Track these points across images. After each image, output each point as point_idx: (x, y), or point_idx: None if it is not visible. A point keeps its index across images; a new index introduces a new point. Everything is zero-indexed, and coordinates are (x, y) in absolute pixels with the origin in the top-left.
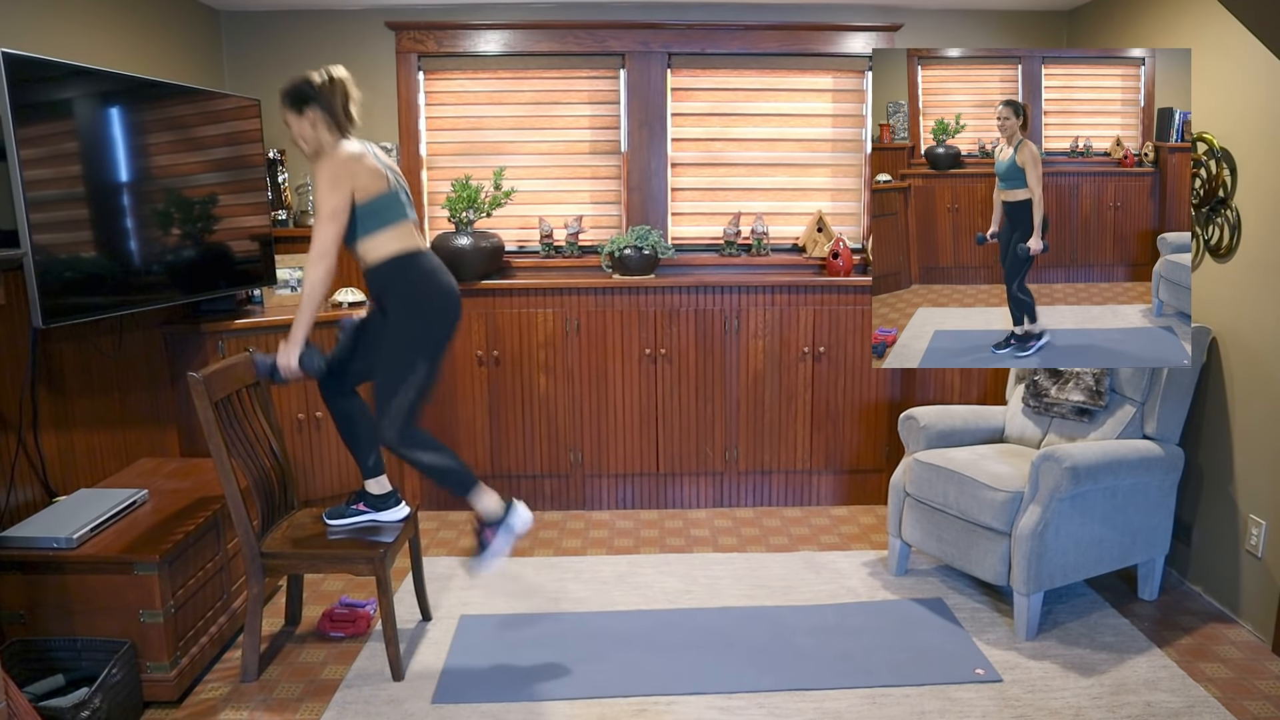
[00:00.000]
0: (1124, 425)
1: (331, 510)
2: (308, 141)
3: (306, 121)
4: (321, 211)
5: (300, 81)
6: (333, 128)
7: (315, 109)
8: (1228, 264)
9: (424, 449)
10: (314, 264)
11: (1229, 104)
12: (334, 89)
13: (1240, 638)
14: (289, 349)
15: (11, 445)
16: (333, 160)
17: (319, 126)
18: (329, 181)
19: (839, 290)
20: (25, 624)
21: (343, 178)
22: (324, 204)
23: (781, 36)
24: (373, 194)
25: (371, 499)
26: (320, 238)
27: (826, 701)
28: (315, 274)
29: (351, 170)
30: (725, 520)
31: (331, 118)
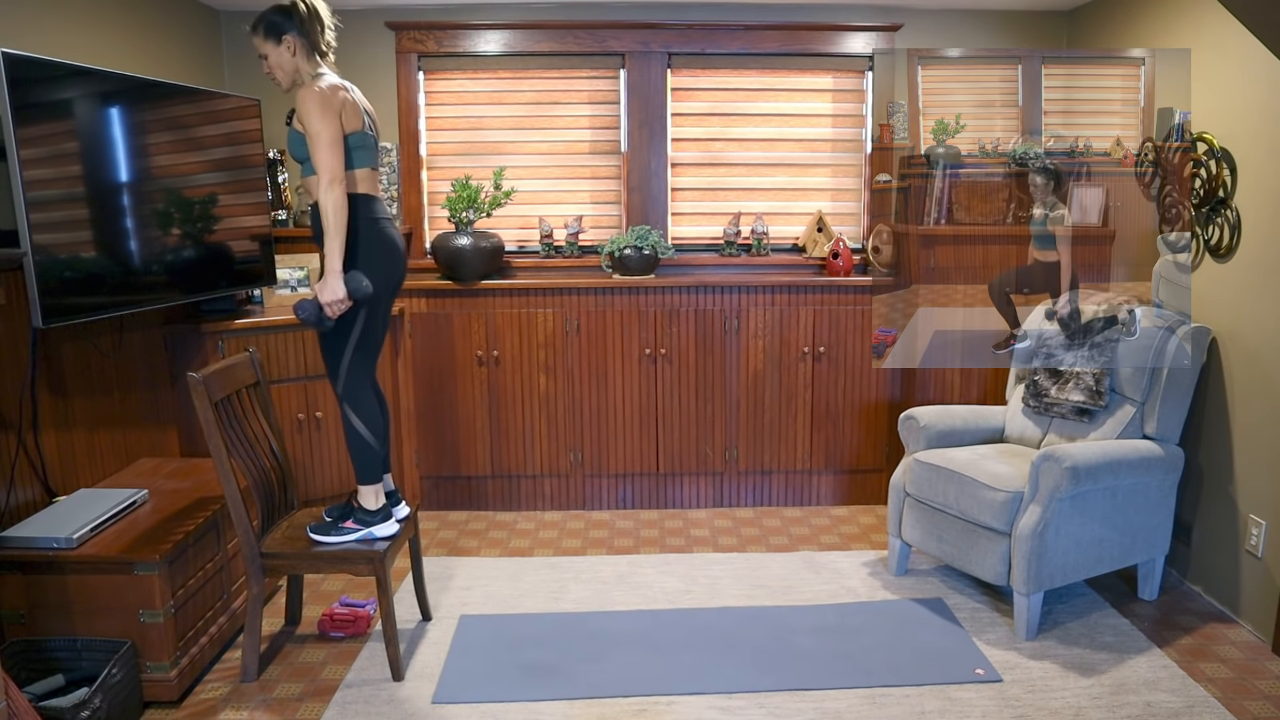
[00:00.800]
0: (1124, 425)
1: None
2: (285, 72)
3: (285, 49)
4: (321, 137)
5: (273, 9)
6: (312, 55)
7: (294, 36)
8: (1228, 264)
9: (361, 415)
10: (330, 189)
11: (1229, 104)
12: (310, 14)
13: (1240, 638)
14: (332, 280)
15: (11, 445)
16: (319, 88)
17: (299, 54)
18: (319, 108)
19: (839, 290)
20: (25, 624)
21: (331, 104)
22: (320, 131)
23: (781, 36)
24: (350, 130)
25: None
26: (329, 164)
27: (826, 701)
28: (335, 199)
29: (339, 98)
30: (725, 520)
31: (310, 44)
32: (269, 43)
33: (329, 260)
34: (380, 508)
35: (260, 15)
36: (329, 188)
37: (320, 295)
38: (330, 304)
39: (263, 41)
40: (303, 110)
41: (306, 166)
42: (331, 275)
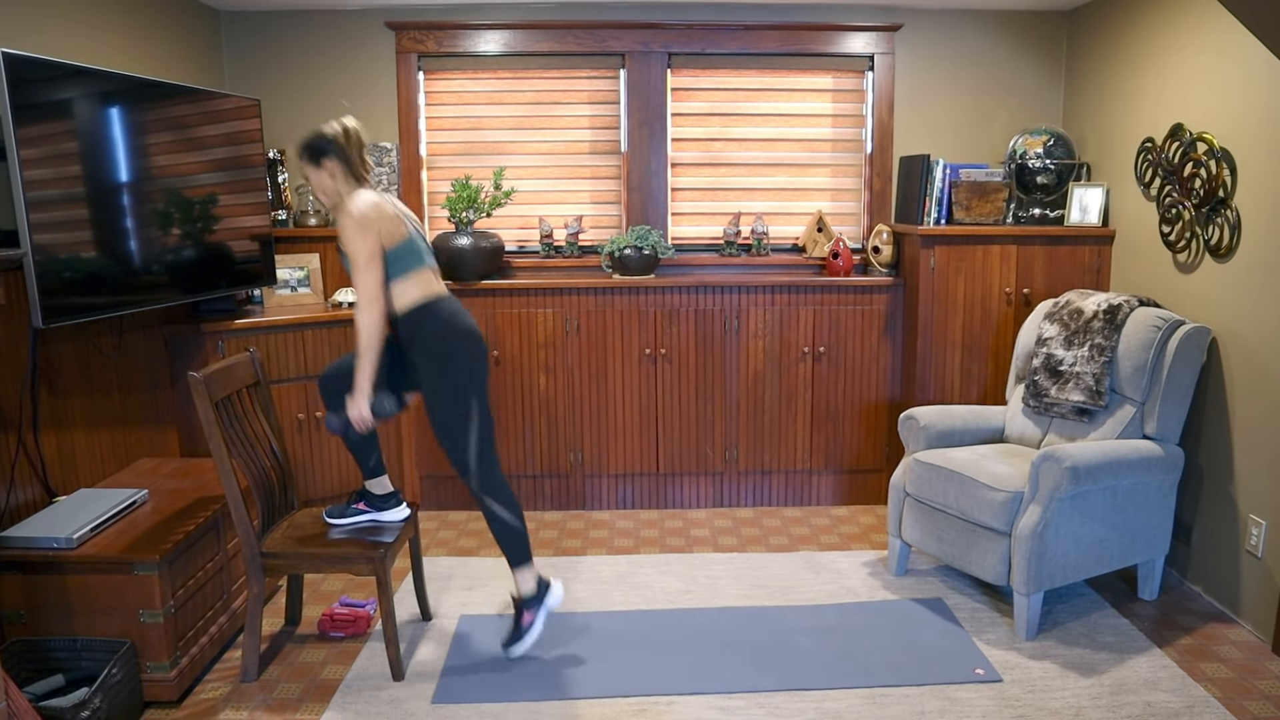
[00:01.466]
0: (1124, 425)
1: (332, 509)
2: (327, 193)
3: (325, 173)
4: (358, 259)
5: (315, 136)
6: (349, 177)
7: (332, 160)
8: (1228, 264)
9: (501, 502)
10: (365, 310)
11: (1229, 104)
12: (348, 139)
13: (1240, 638)
14: (358, 400)
15: (11, 445)
16: (355, 209)
17: (337, 177)
18: (356, 229)
19: (839, 290)
20: (25, 624)
21: (368, 226)
22: (358, 251)
23: (781, 36)
24: (395, 240)
25: (373, 498)
26: (365, 284)
27: (826, 701)
28: (369, 319)
29: (377, 215)
30: (725, 520)
31: (348, 167)
32: (309, 166)
33: (358, 379)
34: (539, 583)
35: (304, 140)
36: (364, 309)
37: (348, 411)
38: (357, 420)
39: (305, 165)
40: (342, 235)
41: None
42: (359, 395)
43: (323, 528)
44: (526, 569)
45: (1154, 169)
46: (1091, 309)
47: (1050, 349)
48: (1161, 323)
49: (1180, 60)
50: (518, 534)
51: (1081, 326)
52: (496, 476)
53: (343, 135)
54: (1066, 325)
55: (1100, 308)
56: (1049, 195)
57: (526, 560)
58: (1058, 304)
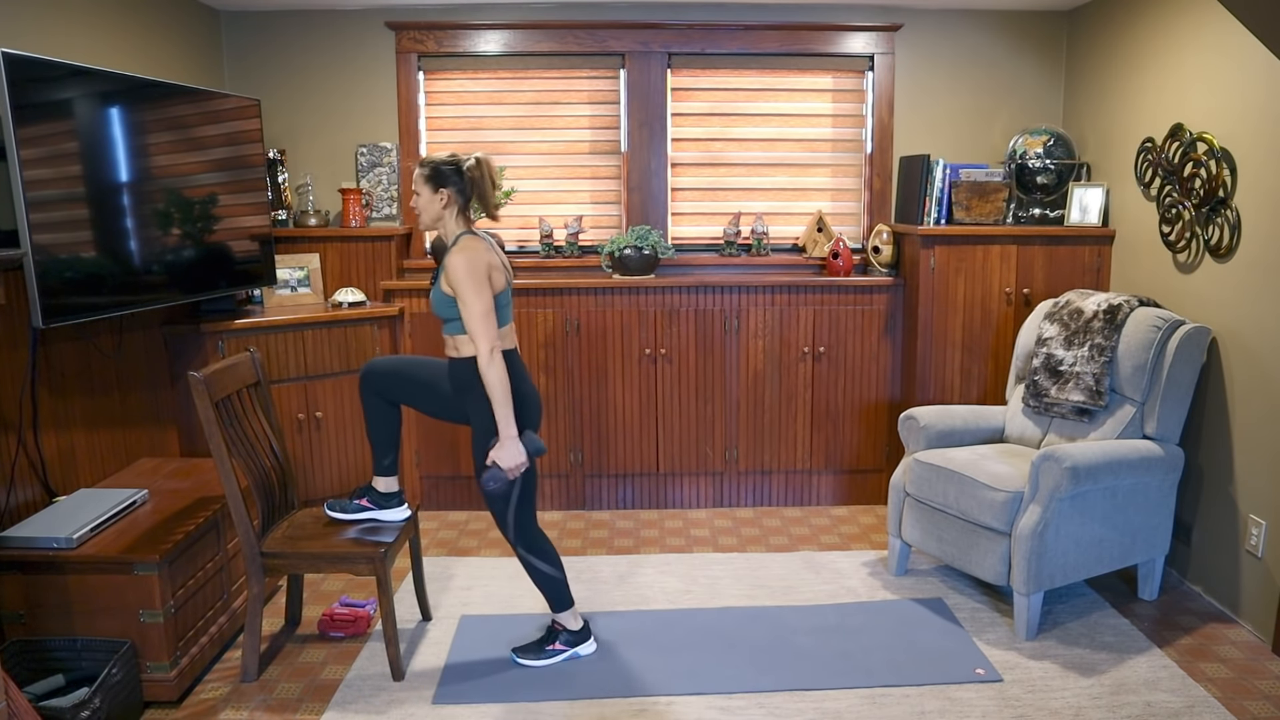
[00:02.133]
0: (1124, 425)
1: (333, 503)
2: (429, 216)
3: (439, 200)
4: (474, 310)
5: (448, 160)
6: (462, 215)
7: (452, 191)
8: (1228, 264)
9: (542, 557)
10: (491, 361)
11: (1229, 104)
12: (481, 175)
13: (1240, 638)
14: (509, 446)
15: (11, 445)
16: (471, 255)
17: (450, 209)
18: (473, 280)
19: (839, 290)
20: (25, 624)
21: (482, 273)
22: (474, 302)
23: (781, 36)
24: (495, 291)
25: (377, 495)
26: (487, 335)
27: (826, 701)
28: (498, 371)
29: (485, 263)
30: (725, 520)
31: (465, 204)
32: (426, 186)
33: (503, 427)
34: (582, 627)
35: (432, 158)
36: (490, 359)
37: (501, 462)
38: (512, 469)
39: (421, 182)
40: (454, 278)
41: (450, 325)
42: (510, 441)
43: (323, 528)
44: (569, 613)
45: (1154, 169)
46: (1091, 309)
47: (1050, 349)
48: (1161, 323)
49: (1180, 60)
50: (557, 583)
51: (1081, 326)
52: (533, 530)
53: (476, 169)
54: (1066, 325)
55: (1100, 308)
56: (1049, 195)
57: (568, 606)
58: (1058, 304)
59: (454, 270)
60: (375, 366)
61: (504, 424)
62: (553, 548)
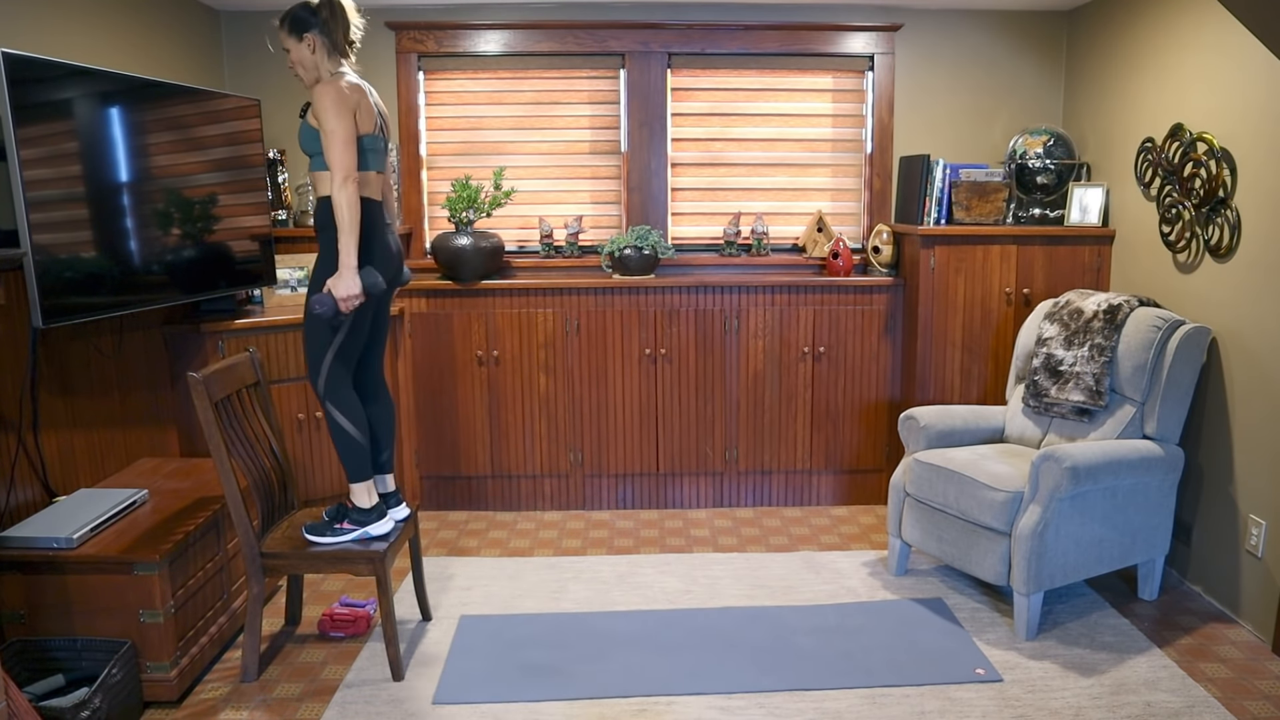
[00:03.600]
0: (1124, 425)
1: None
2: (306, 68)
3: (305, 46)
4: (335, 135)
5: (299, 6)
6: (333, 54)
7: (315, 34)
8: (1228, 264)
9: (347, 414)
10: (343, 186)
11: (1229, 104)
12: (334, 15)
13: (1240, 638)
14: (345, 275)
15: (11, 445)
16: (335, 85)
17: (319, 52)
18: (334, 106)
19: (839, 290)
20: (25, 624)
21: (347, 103)
22: (335, 129)
23: (781, 36)
24: (362, 132)
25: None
26: (343, 161)
27: (826, 701)
28: (349, 196)
29: (355, 99)
30: (725, 520)
31: (332, 43)
32: (291, 38)
33: (344, 255)
34: (374, 505)
35: (287, 11)
36: (342, 185)
37: (335, 290)
38: (345, 299)
39: (286, 36)
40: (319, 106)
41: (315, 161)
42: (347, 270)
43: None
44: (362, 487)
45: (1154, 169)
46: (1091, 309)
47: (1050, 349)
48: (1161, 323)
49: (1180, 60)
50: (358, 448)
51: (1081, 326)
52: (345, 386)
53: (326, 8)
54: (1066, 325)
55: (1100, 308)
56: (1049, 195)
57: (364, 477)
58: (1058, 304)
59: (320, 98)
60: None
61: (345, 252)
62: (361, 411)
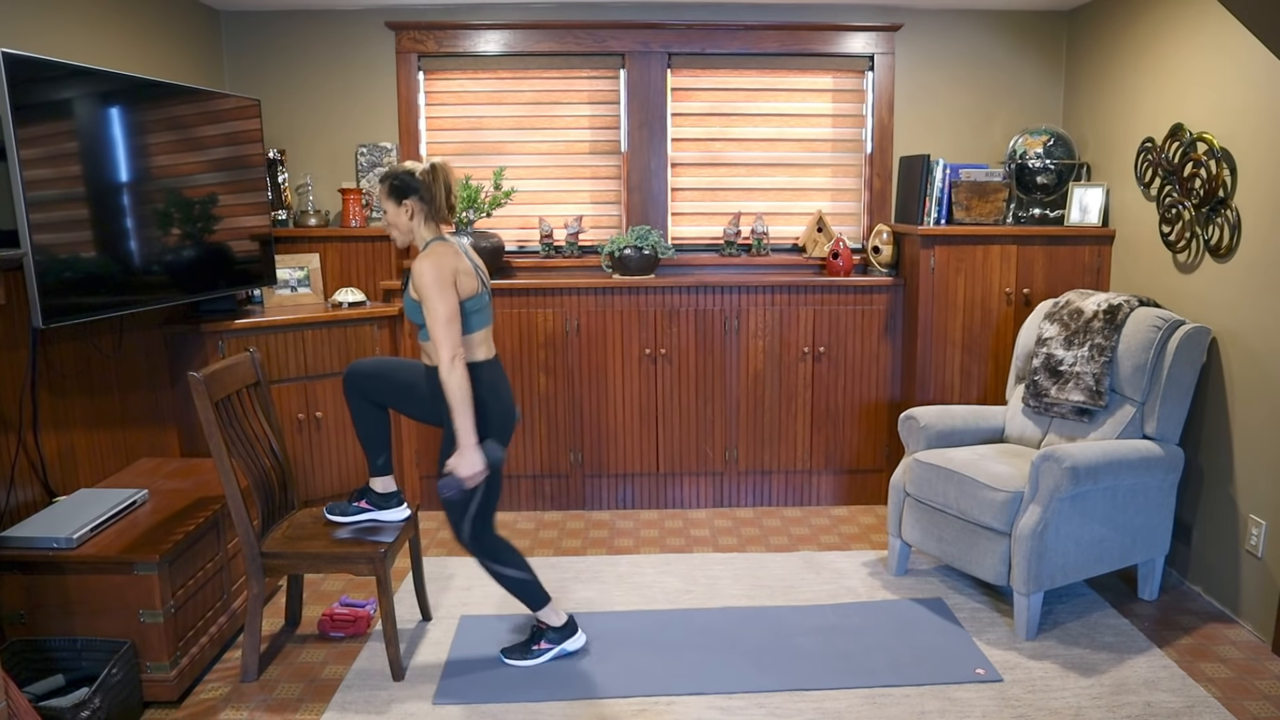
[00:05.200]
0: (1124, 425)
1: (333, 506)
2: (401, 231)
3: (404, 212)
4: (439, 315)
5: (403, 172)
6: (430, 221)
7: (415, 201)
8: (1228, 264)
9: (506, 563)
10: (451, 367)
11: (1229, 104)
12: (435, 179)
13: (1240, 638)
14: (466, 454)
15: (11, 445)
16: (434, 260)
17: (417, 218)
18: (436, 284)
19: (839, 290)
20: (25, 624)
21: (447, 278)
22: (438, 308)
23: (781, 36)
24: (467, 295)
25: (375, 497)
26: (449, 341)
27: (826, 701)
28: (459, 378)
29: (452, 266)
30: (725, 520)
31: (430, 210)
32: (390, 200)
33: (462, 436)
34: (566, 622)
35: (390, 172)
36: (451, 366)
37: (459, 471)
38: (470, 477)
39: (385, 198)
40: (419, 283)
41: (424, 332)
42: (469, 450)
43: (323, 528)
44: (548, 609)
45: (1154, 169)
46: (1091, 309)
47: (1050, 349)
48: (1161, 323)
49: (1180, 60)
50: (528, 584)
51: (1081, 326)
52: (491, 538)
53: (430, 174)
54: (1066, 325)
55: (1100, 308)
56: (1049, 195)
57: (544, 603)
58: (1058, 304)
59: (419, 276)
60: (358, 369)
61: (462, 432)
62: (514, 551)
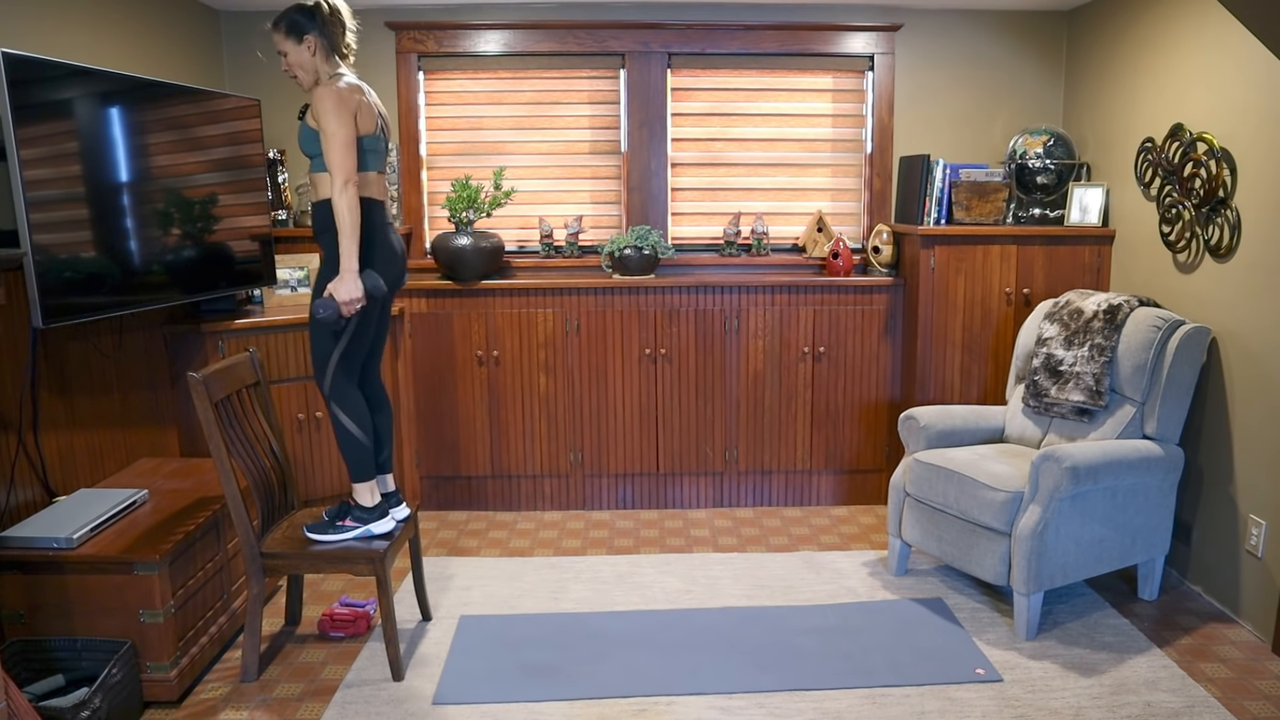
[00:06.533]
0: (1124, 425)
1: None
2: (305, 71)
3: (305, 49)
4: (335, 137)
5: (295, 8)
6: (331, 56)
7: (314, 35)
8: (1228, 264)
9: (352, 415)
10: (343, 190)
11: (1229, 104)
12: (332, 16)
13: (1240, 638)
14: (347, 279)
15: (11, 445)
16: (334, 88)
17: (319, 54)
18: (334, 108)
19: (839, 290)
20: (25, 624)
21: (347, 105)
22: (335, 131)
23: (781, 36)
24: (363, 133)
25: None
26: (343, 164)
27: (826, 701)
28: (349, 199)
29: (354, 100)
30: (725, 520)
31: (330, 45)
32: (289, 40)
33: (345, 259)
34: (376, 505)
35: (282, 13)
36: (343, 188)
37: (337, 294)
38: (347, 302)
39: (283, 39)
40: (319, 108)
41: (315, 162)
42: (348, 274)
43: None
44: (365, 486)
45: (1154, 169)
46: (1091, 309)
47: (1050, 349)
48: (1161, 323)
49: (1180, 60)
50: (361, 448)
51: (1081, 326)
52: (350, 387)
53: (324, 8)
54: (1066, 325)
55: (1100, 308)
56: (1049, 195)
57: (367, 477)
58: (1058, 304)
59: (320, 100)
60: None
61: (346, 256)
62: (366, 412)
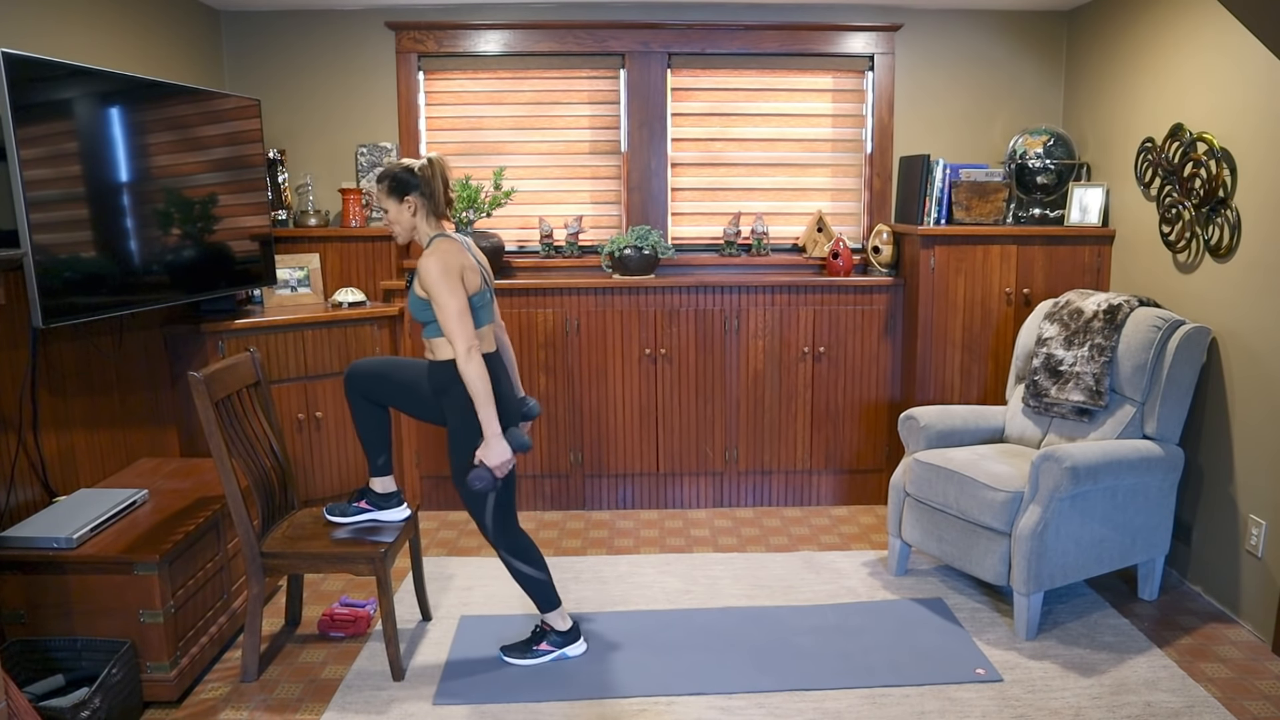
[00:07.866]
0: (1124, 425)
1: (332, 507)
2: (403, 228)
3: (406, 208)
4: (448, 308)
5: (400, 169)
6: (430, 217)
7: (416, 196)
8: (1228, 264)
9: (524, 559)
10: (469, 358)
11: (1229, 104)
12: (433, 174)
13: (1240, 638)
14: (493, 445)
15: (11, 445)
16: (439, 256)
17: (419, 214)
18: (442, 278)
19: (839, 290)
20: (25, 624)
21: (453, 272)
22: (449, 302)
23: (781, 36)
24: (471, 293)
25: (375, 497)
26: (462, 333)
27: (826, 701)
28: (476, 368)
29: (459, 264)
30: (725, 520)
31: (432, 205)
32: (391, 199)
33: (486, 426)
34: (570, 628)
35: (386, 170)
36: (468, 356)
37: (487, 460)
38: (498, 466)
39: (385, 197)
40: (427, 281)
41: (429, 329)
42: (494, 440)
43: (323, 528)
44: (556, 613)
45: (1154, 169)
46: (1091, 309)
47: (1050, 349)
48: (1161, 323)
49: (1180, 60)
50: (542, 584)
51: (1081, 326)
52: (515, 531)
53: (428, 169)
54: (1066, 325)
55: (1100, 308)
56: (1049, 195)
57: (554, 606)
58: (1058, 304)
59: (426, 272)
60: (358, 368)
61: (487, 422)
62: (535, 548)
